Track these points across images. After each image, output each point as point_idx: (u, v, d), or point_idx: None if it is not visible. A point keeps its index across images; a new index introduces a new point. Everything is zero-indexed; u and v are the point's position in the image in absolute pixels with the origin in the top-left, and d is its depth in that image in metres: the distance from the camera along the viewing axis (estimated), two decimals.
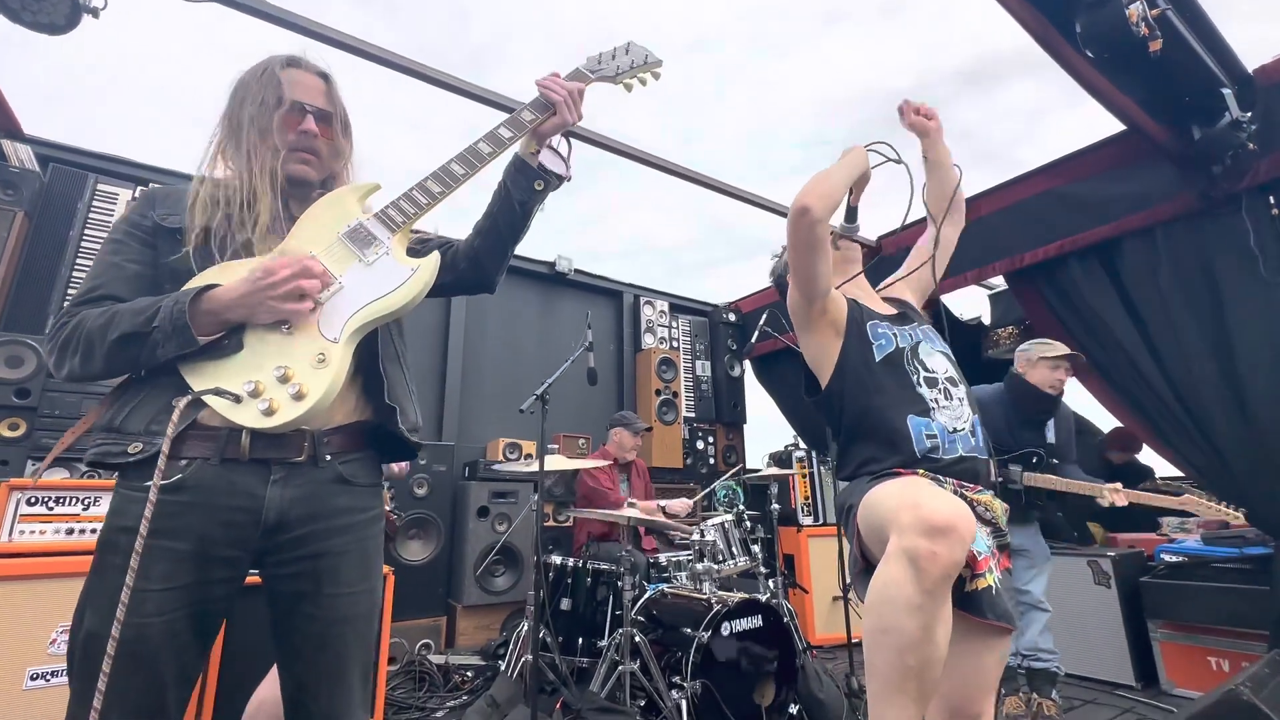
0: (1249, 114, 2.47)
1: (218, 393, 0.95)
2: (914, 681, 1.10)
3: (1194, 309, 2.78)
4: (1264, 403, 2.57)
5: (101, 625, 0.86)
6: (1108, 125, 2.87)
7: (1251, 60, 2.59)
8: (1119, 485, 2.55)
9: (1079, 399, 3.42)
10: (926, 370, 1.51)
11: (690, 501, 3.60)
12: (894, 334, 1.55)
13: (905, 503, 1.18)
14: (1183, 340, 2.80)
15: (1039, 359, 2.81)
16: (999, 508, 1.41)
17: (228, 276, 1.01)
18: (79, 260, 3.11)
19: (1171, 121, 2.63)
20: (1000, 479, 2.70)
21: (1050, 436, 2.85)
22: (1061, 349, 2.81)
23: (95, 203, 3.22)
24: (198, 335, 0.96)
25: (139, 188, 3.32)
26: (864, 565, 1.34)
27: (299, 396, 0.97)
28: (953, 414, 1.46)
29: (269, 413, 0.96)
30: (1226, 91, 2.45)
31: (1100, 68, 2.28)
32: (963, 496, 1.34)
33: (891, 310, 1.67)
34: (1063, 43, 2.18)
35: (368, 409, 1.14)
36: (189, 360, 0.99)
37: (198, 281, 1.01)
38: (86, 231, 3.17)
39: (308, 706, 1.03)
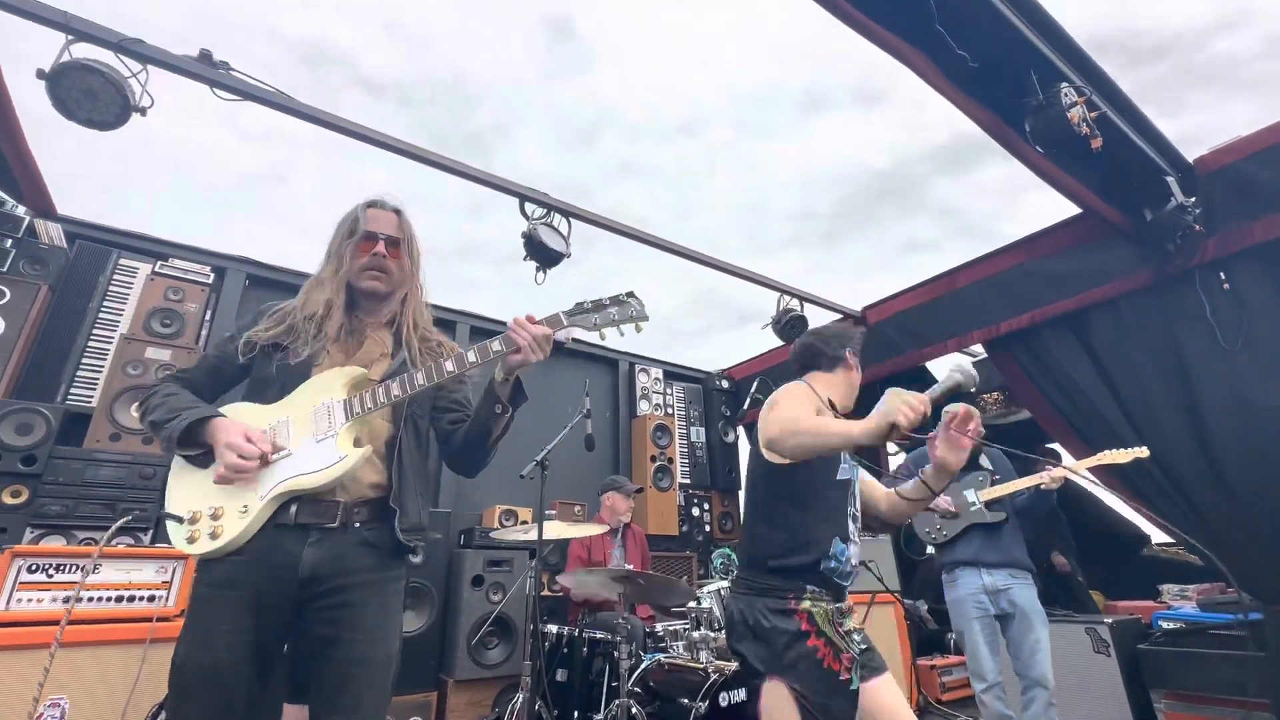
0: (1192, 199, 2.71)
1: (168, 515, 1.22)
2: None
3: (1163, 376, 2.93)
4: (1236, 466, 2.67)
5: (188, 655, 1.13)
6: (1074, 205, 3.11)
7: (1193, 149, 2.87)
8: (1055, 467, 2.71)
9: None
10: (853, 506, 1.71)
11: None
12: (850, 465, 1.73)
13: None
14: (1154, 406, 2.94)
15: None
16: (854, 617, 1.65)
17: (247, 417, 1.29)
18: (95, 331, 3.23)
19: (1125, 204, 2.87)
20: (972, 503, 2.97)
21: (987, 464, 3.05)
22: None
23: (116, 276, 3.38)
24: (181, 451, 1.26)
25: (159, 262, 3.48)
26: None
27: (214, 535, 1.19)
28: (858, 548, 1.68)
29: (190, 540, 1.19)
30: (1170, 179, 2.70)
31: (1052, 159, 2.52)
32: (839, 612, 1.57)
33: None
34: (1016, 138, 2.42)
35: (385, 483, 1.34)
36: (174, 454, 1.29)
37: (229, 412, 1.31)
38: (105, 303, 3.30)
39: None
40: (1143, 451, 2.55)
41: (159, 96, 2.32)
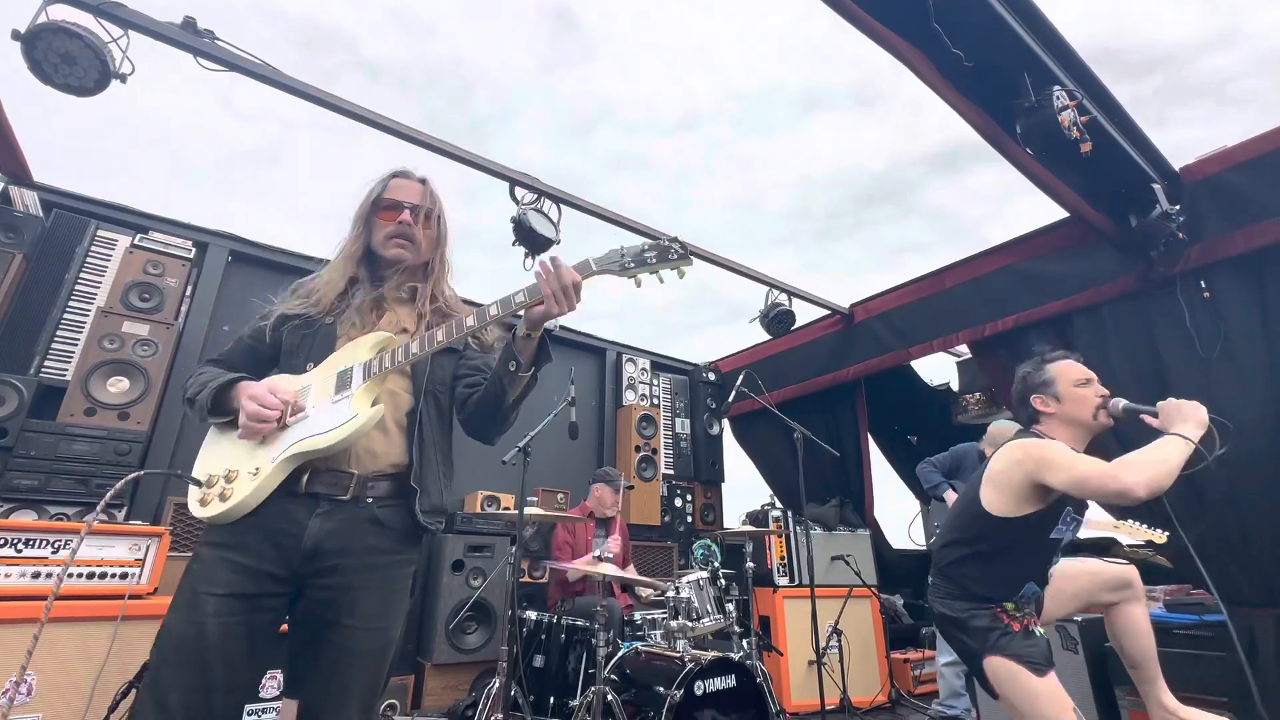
0: (1177, 206, 2.74)
1: (188, 478, 1.20)
2: None
3: (1141, 382, 2.97)
4: (1208, 473, 2.70)
5: (174, 621, 1.06)
6: (1062, 210, 3.14)
7: (1179, 159, 2.90)
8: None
9: None
10: (1059, 557, 1.89)
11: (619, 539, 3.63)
12: (1068, 526, 1.84)
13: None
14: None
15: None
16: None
17: (273, 381, 1.26)
18: (71, 303, 3.15)
19: (1111, 210, 2.89)
20: None
21: None
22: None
23: (94, 248, 3.30)
24: (211, 416, 1.25)
25: (139, 235, 3.41)
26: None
27: (224, 497, 1.15)
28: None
29: (203, 503, 1.16)
30: (1156, 186, 2.73)
31: (1042, 162, 2.54)
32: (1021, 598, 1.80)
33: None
34: (1007, 139, 2.43)
35: (405, 460, 1.27)
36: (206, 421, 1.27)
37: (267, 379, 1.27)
38: (82, 275, 3.22)
39: None
40: (1159, 537, 2.62)
41: (143, 65, 2.26)
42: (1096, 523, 2.83)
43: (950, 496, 3.24)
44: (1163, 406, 1.76)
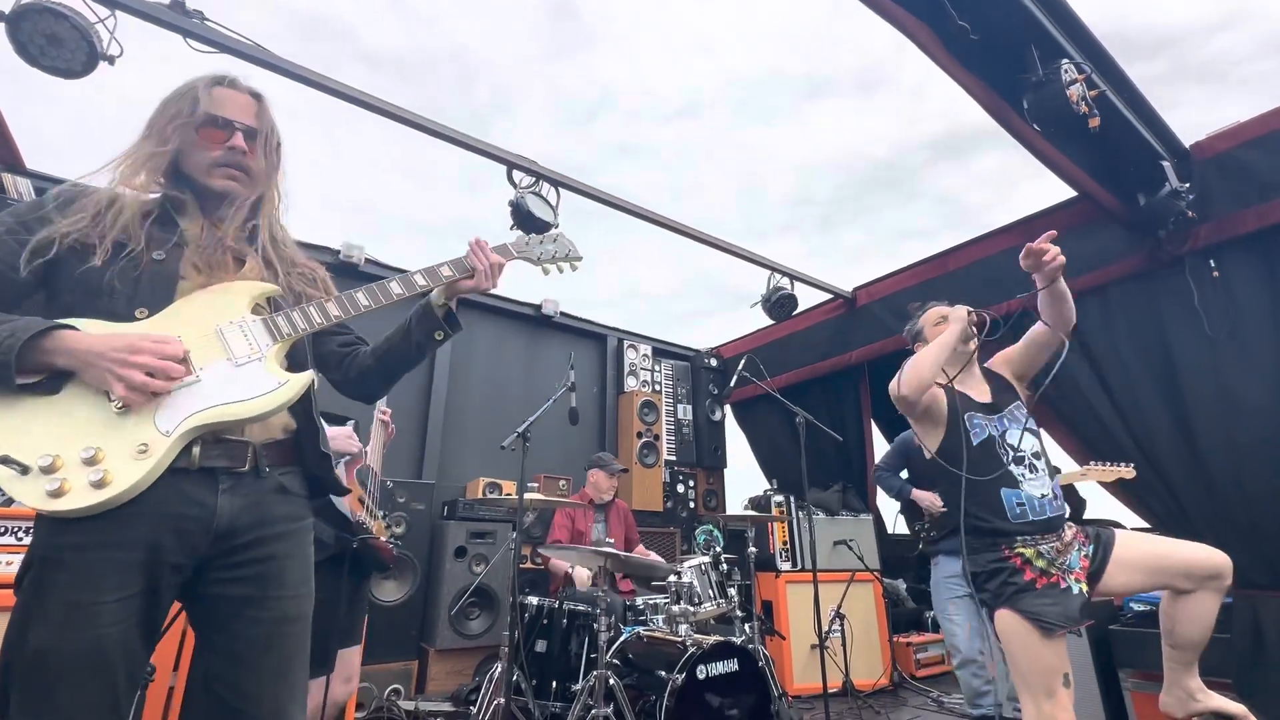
0: (1187, 185, 2.69)
1: (5, 460, 0.89)
2: None
3: (1148, 364, 2.94)
4: (1216, 456, 2.69)
5: (56, 639, 0.88)
6: (1069, 191, 3.09)
7: (1190, 137, 2.84)
8: None
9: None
10: (1015, 450, 1.88)
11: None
12: (986, 423, 1.93)
13: (1042, 688, 1.64)
14: (1139, 393, 2.95)
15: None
16: (1075, 546, 1.83)
17: (100, 330, 0.99)
18: None
19: (1119, 189, 2.84)
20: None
21: None
22: None
23: None
24: (18, 375, 0.92)
25: None
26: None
27: (100, 484, 0.91)
28: (1038, 484, 1.84)
29: (57, 494, 0.90)
30: (1166, 164, 2.67)
31: (1049, 139, 2.49)
32: (1051, 549, 1.77)
33: (987, 397, 2.01)
34: (1014, 115, 2.38)
35: (293, 424, 1.18)
36: (10, 384, 0.93)
37: (76, 324, 0.99)
38: None
39: (249, 713, 1.02)
40: (1128, 472, 2.59)
41: (134, 49, 2.22)
42: (1066, 474, 2.87)
43: (918, 494, 3.22)
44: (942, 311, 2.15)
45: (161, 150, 1.12)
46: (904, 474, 3.45)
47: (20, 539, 2.18)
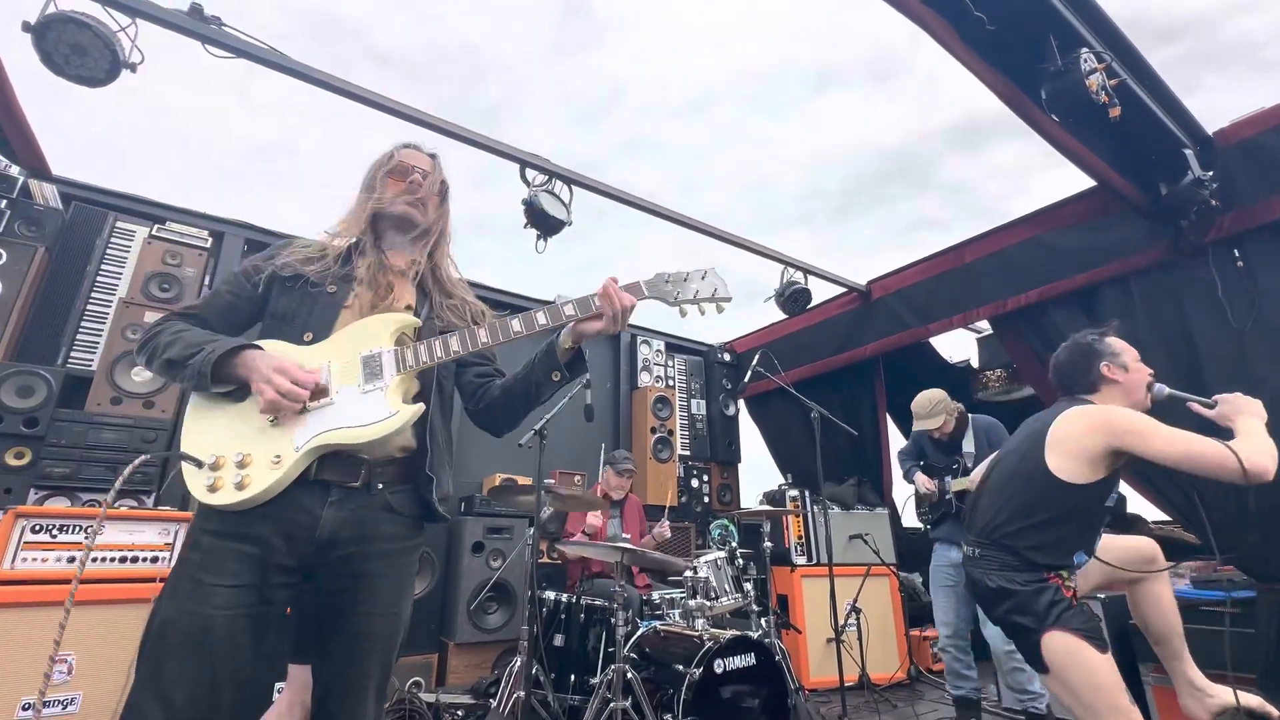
0: (1210, 173, 2.64)
1: (185, 457, 1.07)
2: None
3: (1170, 355, 2.89)
4: None
5: (176, 612, 1.00)
6: (1088, 180, 3.04)
7: (1212, 124, 2.78)
8: None
9: None
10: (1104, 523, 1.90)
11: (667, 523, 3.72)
12: (1112, 497, 1.89)
13: (1108, 707, 1.58)
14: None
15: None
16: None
17: (279, 350, 1.17)
18: (94, 294, 3.21)
19: (1140, 178, 2.79)
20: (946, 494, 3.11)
21: (969, 447, 3.14)
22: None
23: (113, 239, 3.34)
24: (213, 385, 1.12)
25: (156, 225, 3.44)
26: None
27: (240, 486, 1.05)
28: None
29: (212, 489, 1.06)
30: (1188, 152, 2.62)
31: (1068, 129, 2.45)
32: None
33: None
34: (1032, 106, 2.34)
35: (412, 443, 1.24)
36: (208, 391, 1.13)
37: (262, 344, 1.18)
38: (103, 266, 3.28)
39: (329, 708, 1.12)
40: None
41: (156, 56, 2.26)
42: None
43: (919, 478, 3.26)
44: (1224, 399, 1.85)
45: (370, 196, 1.34)
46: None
47: (54, 535, 2.27)
